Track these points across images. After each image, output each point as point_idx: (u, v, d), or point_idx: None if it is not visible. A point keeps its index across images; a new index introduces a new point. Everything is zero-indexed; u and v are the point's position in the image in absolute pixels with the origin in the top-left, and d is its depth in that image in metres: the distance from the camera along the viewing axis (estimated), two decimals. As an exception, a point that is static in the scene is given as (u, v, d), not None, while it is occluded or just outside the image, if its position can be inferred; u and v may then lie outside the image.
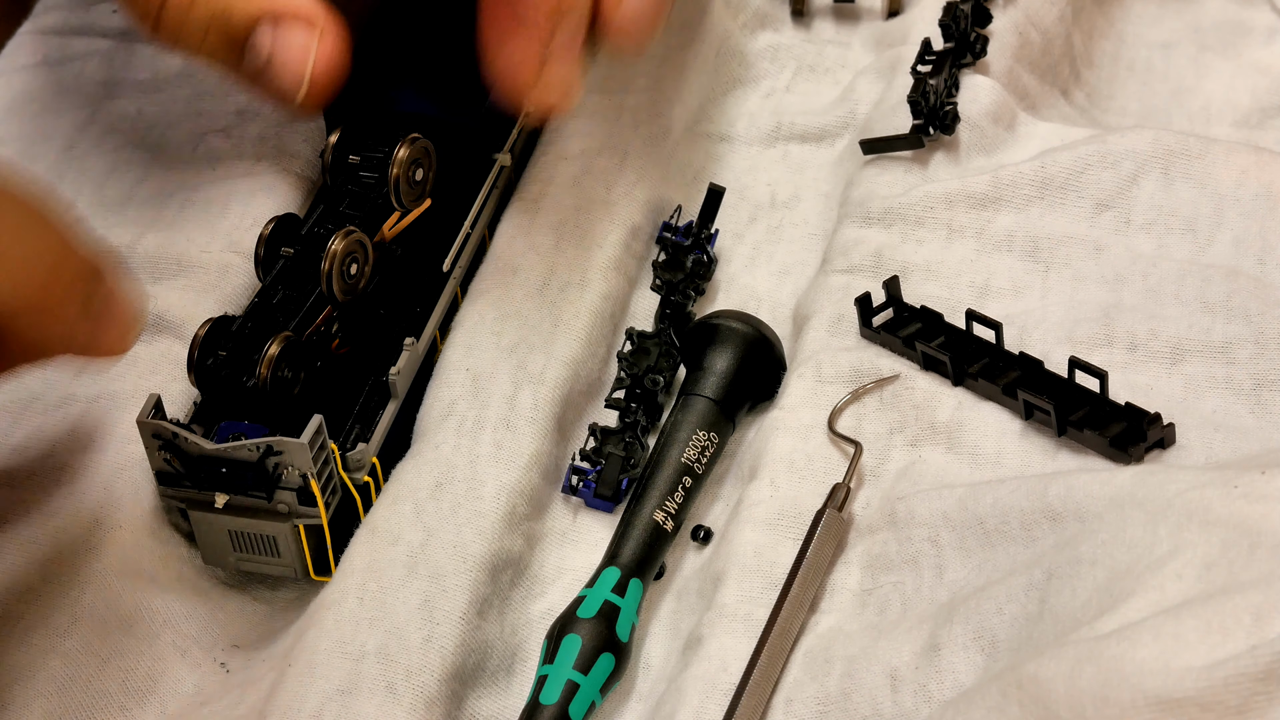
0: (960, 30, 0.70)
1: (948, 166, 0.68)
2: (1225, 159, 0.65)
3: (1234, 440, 0.58)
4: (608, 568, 0.58)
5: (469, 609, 0.57)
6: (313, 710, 0.54)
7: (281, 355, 0.58)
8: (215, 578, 0.60)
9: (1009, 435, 0.60)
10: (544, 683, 0.55)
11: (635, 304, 0.67)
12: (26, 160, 0.72)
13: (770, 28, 0.76)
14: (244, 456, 0.57)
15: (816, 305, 0.64)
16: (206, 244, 0.66)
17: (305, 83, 0.61)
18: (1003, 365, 0.61)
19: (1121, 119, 0.75)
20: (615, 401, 0.64)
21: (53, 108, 0.74)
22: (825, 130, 0.73)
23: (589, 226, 0.67)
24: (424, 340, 0.63)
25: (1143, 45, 0.78)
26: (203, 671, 0.57)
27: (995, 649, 0.53)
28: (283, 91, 0.61)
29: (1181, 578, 0.49)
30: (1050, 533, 0.54)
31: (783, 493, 0.59)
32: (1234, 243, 0.63)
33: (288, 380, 0.58)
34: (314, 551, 0.59)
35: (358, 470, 0.59)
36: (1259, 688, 0.44)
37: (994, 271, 0.64)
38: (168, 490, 0.59)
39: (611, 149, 0.69)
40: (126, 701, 0.56)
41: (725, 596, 0.57)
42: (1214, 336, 0.60)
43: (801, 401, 0.61)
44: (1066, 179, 0.65)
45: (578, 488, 0.62)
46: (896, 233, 0.65)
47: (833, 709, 0.54)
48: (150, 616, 0.57)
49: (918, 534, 0.57)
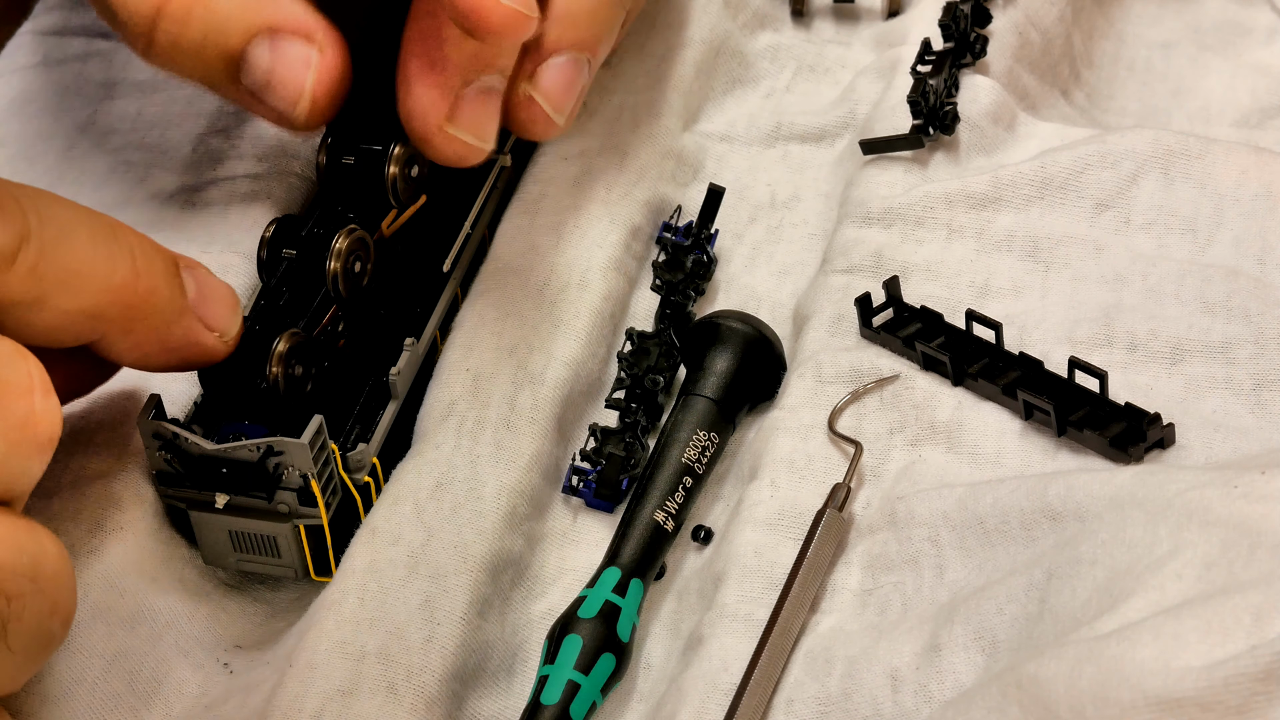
0: (960, 30, 0.70)
1: (948, 166, 0.68)
2: (1225, 159, 0.65)
3: (1234, 440, 0.58)
4: (608, 568, 0.58)
5: (470, 609, 0.57)
6: (313, 710, 0.54)
7: (290, 353, 0.58)
8: (216, 579, 0.60)
9: (1009, 435, 0.60)
10: (545, 683, 0.55)
11: (635, 304, 0.67)
12: (26, 161, 0.72)
13: (770, 28, 0.76)
14: (244, 457, 0.57)
15: (816, 305, 0.64)
16: (206, 244, 0.66)
17: (306, 99, 0.61)
18: (1003, 365, 0.61)
19: (1121, 119, 0.75)
20: (615, 402, 0.64)
21: (53, 108, 0.74)
22: (825, 130, 0.73)
23: (589, 226, 0.67)
24: (424, 340, 0.63)
25: (1143, 45, 0.78)
26: (206, 672, 0.57)
27: (996, 649, 0.53)
28: (283, 109, 0.61)
29: (1181, 578, 0.49)
30: (1050, 532, 0.54)
31: (783, 493, 0.59)
32: (1234, 243, 0.63)
33: (298, 378, 0.58)
34: (314, 552, 0.59)
35: (358, 470, 0.59)
36: (1259, 688, 0.44)
37: (994, 271, 0.64)
38: (168, 491, 0.59)
39: (611, 149, 0.69)
40: (134, 703, 0.56)
41: (726, 597, 0.57)
42: (1214, 336, 0.60)
43: (801, 401, 0.61)
44: (1066, 179, 0.66)
45: (578, 488, 0.62)
46: (896, 233, 0.65)
47: (833, 709, 0.54)
48: (153, 618, 0.57)
49: (918, 534, 0.57)
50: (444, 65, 0.60)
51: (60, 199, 0.53)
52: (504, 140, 0.68)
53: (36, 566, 0.49)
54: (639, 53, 0.72)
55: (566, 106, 0.63)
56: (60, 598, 0.50)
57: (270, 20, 0.60)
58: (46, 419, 0.50)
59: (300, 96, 0.60)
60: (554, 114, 0.63)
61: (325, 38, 0.61)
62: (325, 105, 0.61)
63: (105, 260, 0.53)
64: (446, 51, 0.60)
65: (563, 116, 0.64)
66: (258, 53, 0.60)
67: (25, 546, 0.48)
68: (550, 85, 0.63)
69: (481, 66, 0.60)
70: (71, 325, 0.53)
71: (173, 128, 0.72)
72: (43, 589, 0.49)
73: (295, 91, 0.60)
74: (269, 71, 0.60)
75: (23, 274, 0.51)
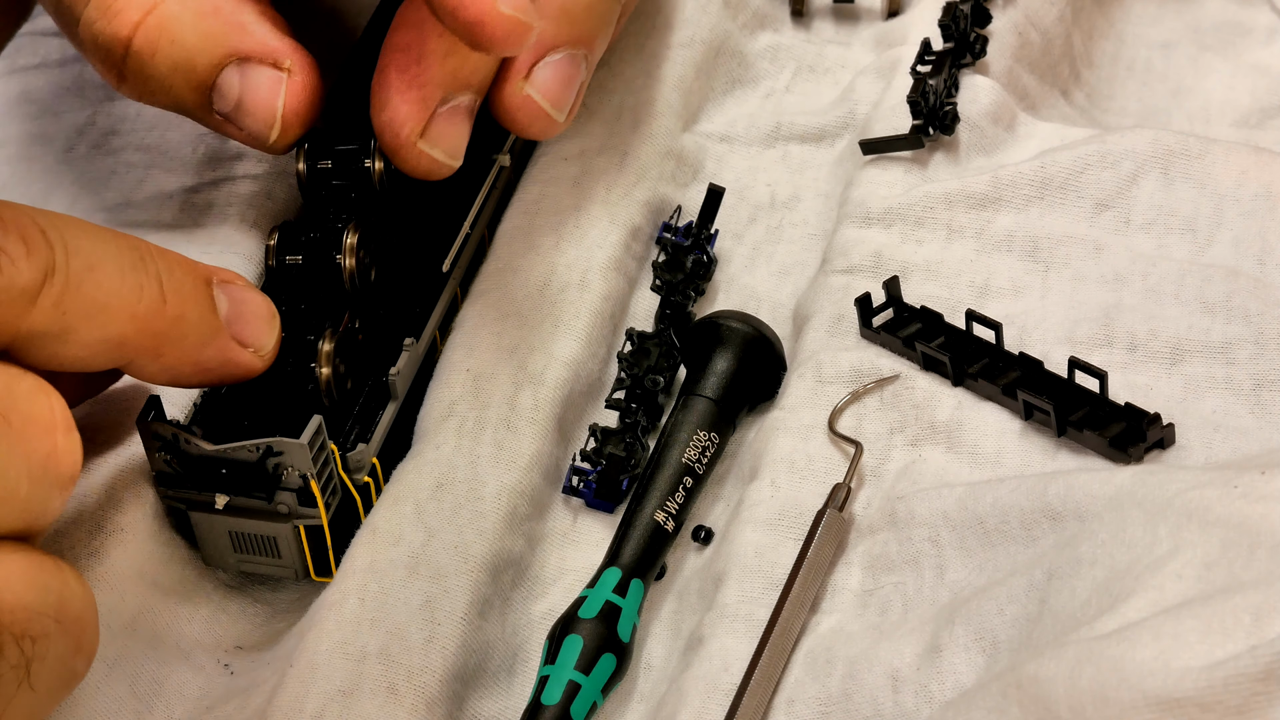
0: (960, 30, 0.70)
1: (947, 167, 0.68)
2: (1225, 159, 0.65)
3: (1234, 440, 0.58)
4: (609, 568, 0.58)
5: (470, 610, 0.57)
6: (314, 711, 0.54)
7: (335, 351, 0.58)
8: (217, 579, 0.60)
9: (1009, 435, 0.60)
10: (545, 683, 0.55)
11: (635, 304, 0.67)
12: (26, 162, 0.72)
13: (770, 28, 0.76)
14: (244, 457, 0.57)
15: (816, 305, 0.64)
16: (206, 245, 0.66)
17: (278, 123, 0.61)
18: (1003, 365, 0.61)
19: (1121, 119, 0.75)
20: (615, 402, 0.64)
21: (52, 109, 0.74)
22: (825, 130, 0.73)
23: (589, 226, 0.67)
24: (424, 340, 0.63)
25: (1143, 45, 0.78)
26: (207, 674, 0.57)
27: (996, 650, 0.53)
28: (256, 132, 0.61)
29: (1181, 578, 0.49)
30: (1050, 532, 0.54)
31: (783, 493, 0.59)
32: (1234, 243, 0.63)
33: (343, 375, 0.59)
34: (314, 552, 0.59)
35: (358, 471, 0.59)
36: (1259, 688, 0.44)
37: (994, 271, 0.64)
38: (168, 492, 0.59)
39: (611, 149, 0.69)
40: (136, 705, 0.56)
41: (726, 597, 0.57)
42: (1214, 336, 0.60)
43: (802, 402, 0.61)
44: (1066, 179, 0.66)
45: (578, 488, 0.62)
46: (896, 233, 0.66)
47: (834, 709, 0.54)
48: (153, 619, 0.57)
49: (918, 534, 0.57)
50: (423, 80, 0.60)
51: (87, 226, 0.52)
52: (504, 140, 0.68)
53: (61, 607, 0.48)
54: (639, 53, 0.72)
55: (566, 103, 0.63)
56: (84, 637, 0.49)
57: (237, 48, 0.61)
58: (69, 456, 0.49)
59: (273, 120, 0.61)
60: (553, 111, 0.63)
61: (294, 60, 0.61)
62: (297, 126, 0.61)
63: (132, 289, 0.53)
64: (428, 65, 0.60)
65: (562, 114, 0.63)
66: (228, 80, 0.61)
67: (50, 586, 0.48)
68: (548, 83, 0.63)
69: (460, 84, 0.61)
70: (98, 355, 0.53)
71: (173, 129, 0.72)
72: (67, 629, 0.48)
73: (267, 115, 0.61)
74: (239, 98, 0.60)
75: (48, 307, 0.50)
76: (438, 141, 0.61)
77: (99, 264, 0.52)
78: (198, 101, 0.62)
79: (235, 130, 0.62)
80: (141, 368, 0.55)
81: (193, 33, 0.61)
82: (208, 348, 0.56)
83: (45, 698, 0.48)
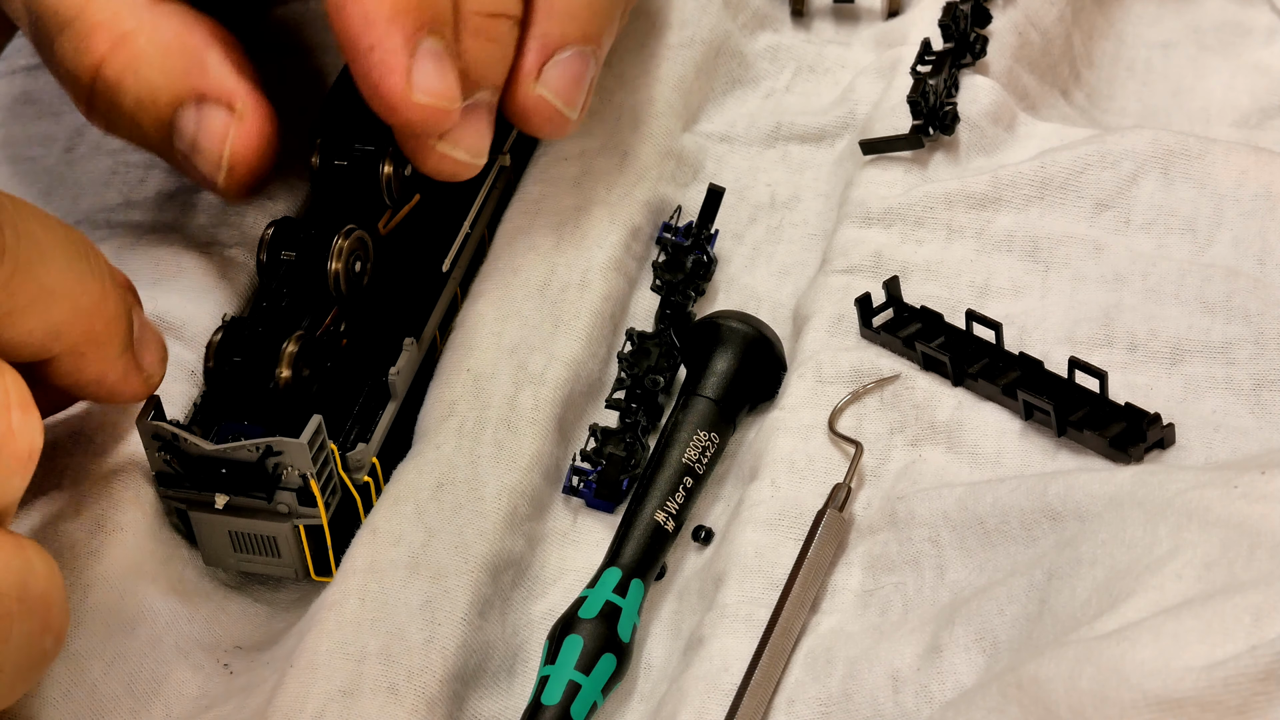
0: (960, 30, 0.70)
1: (947, 167, 0.68)
2: (1225, 159, 0.65)
3: (1234, 440, 0.58)
4: (609, 568, 0.58)
5: (470, 610, 0.57)
6: (314, 711, 0.54)
7: (299, 354, 0.58)
8: (216, 579, 0.60)
9: (1009, 435, 0.60)
10: (546, 683, 0.55)
11: (635, 304, 0.67)
12: (26, 163, 0.72)
13: (770, 28, 0.76)
14: (244, 457, 0.57)
15: (816, 305, 0.64)
16: (206, 245, 0.66)
17: (224, 168, 0.60)
18: (1003, 365, 0.61)
19: (1121, 119, 0.75)
20: (616, 402, 0.64)
21: (52, 110, 0.74)
22: (825, 130, 0.73)
23: (589, 227, 0.67)
24: (424, 340, 0.63)
25: (1142, 45, 0.78)
26: (206, 674, 0.57)
27: (997, 650, 0.53)
28: (206, 175, 0.61)
29: (1181, 578, 0.49)
30: (1050, 532, 0.54)
31: (783, 493, 0.59)
32: (1234, 243, 0.63)
33: (306, 380, 0.58)
34: (314, 552, 0.59)
35: (358, 470, 0.59)
36: (1259, 688, 0.44)
37: (994, 271, 0.64)
38: (167, 491, 0.59)
39: (611, 149, 0.69)
40: (134, 705, 0.56)
41: (726, 597, 0.57)
42: (1214, 336, 0.60)
43: (802, 402, 0.61)
44: (1066, 179, 0.66)
45: (578, 488, 0.62)
46: (896, 233, 0.66)
47: (834, 710, 0.54)
48: (153, 619, 0.57)
49: (918, 534, 0.57)
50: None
51: (39, 213, 0.52)
52: (504, 140, 0.68)
53: (23, 586, 0.48)
54: (639, 52, 0.72)
55: (578, 101, 0.63)
56: (51, 616, 0.49)
57: (196, 87, 0.60)
58: (26, 434, 0.49)
59: (219, 163, 0.60)
60: (566, 110, 0.63)
61: (247, 104, 0.61)
62: (244, 174, 0.61)
63: (77, 282, 0.52)
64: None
65: (575, 111, 0.63)
66: (185, 119, 0.60)
67: (10, 565, 0.48)
68: (559, 81, 0.63)
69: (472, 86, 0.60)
70: (32, 342, 0.52)
71: (172, 129, 0.72)
72: (31, 608, 0.48)
73: (214, 159, 0.60)
74: (194, 137, 0.60)
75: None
76: (459, 142, 0.61)
77: (49, 251, 0.51)
78: (160, 137, 0.61)
79: (194, 170, 0.62)
80: (59, 366, 0.54)
81: (157, 69, 0.60)
82: (120, 359, 0.55)
83: (14, 677, 0.48)
